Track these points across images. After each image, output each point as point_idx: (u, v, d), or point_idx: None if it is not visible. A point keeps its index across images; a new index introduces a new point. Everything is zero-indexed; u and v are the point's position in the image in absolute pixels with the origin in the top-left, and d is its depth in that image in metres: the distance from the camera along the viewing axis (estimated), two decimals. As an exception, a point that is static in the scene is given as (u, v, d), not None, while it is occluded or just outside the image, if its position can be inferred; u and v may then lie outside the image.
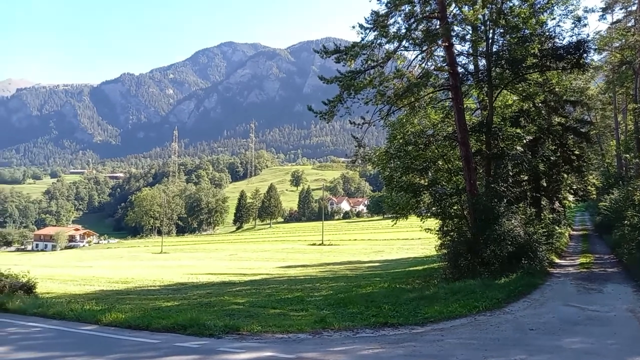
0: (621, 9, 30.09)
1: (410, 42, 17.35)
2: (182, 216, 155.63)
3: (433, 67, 18.97)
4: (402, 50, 17.83)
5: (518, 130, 20.64)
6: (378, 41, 16.95)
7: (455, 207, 19.13)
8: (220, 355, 7.37)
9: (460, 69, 19.19)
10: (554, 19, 19.65)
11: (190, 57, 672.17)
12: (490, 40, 19.77)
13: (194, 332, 8.95)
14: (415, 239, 58.52)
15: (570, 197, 33.77)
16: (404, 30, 17.09)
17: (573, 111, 26.18)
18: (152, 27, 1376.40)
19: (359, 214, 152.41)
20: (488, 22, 19.08)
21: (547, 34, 19.32)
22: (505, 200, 17.03)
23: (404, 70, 17.69)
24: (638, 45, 26.58)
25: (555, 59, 18.35)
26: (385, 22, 16.74)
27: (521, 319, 9.77)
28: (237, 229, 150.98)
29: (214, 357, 7.31)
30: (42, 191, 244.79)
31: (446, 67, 18.06)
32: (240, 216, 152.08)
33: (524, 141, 20.80)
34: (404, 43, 17.24)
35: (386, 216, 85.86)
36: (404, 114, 20.67)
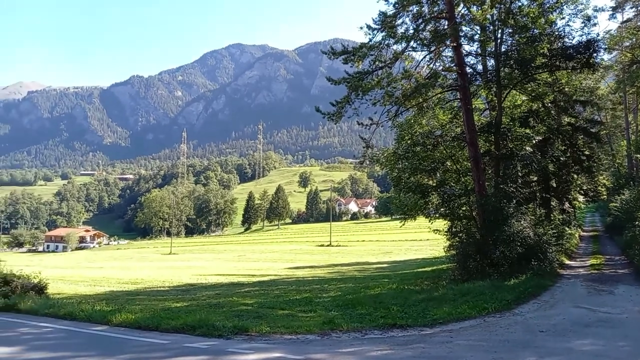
0: (631, 7, 29.71)
1: (418, 42, 17.31)
2: (191, 217, 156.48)
3: (441, 68, 18.91)
4: (410, 50, 17.81)
5: (527, 131, 20.49)
6: (386, 42, 16.94)
7: (463, 208, 19.03)
8: (230, 356, 7.40)
9: (468, 69, 19.09)
10: (563, 18, 19.48)
11: (199, 59, 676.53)
12: (499, 40, 19.64)
13: (203, 333, 9.00)
14: (423, 240, 58.28)
15: (581, 198, 33.41)
16: (411, 31, 17.06)
17: (583, 111, 25.92)
18: (160, 29, 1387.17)
19: (367, 215, 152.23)
20: (497, 22, 18.95)
21: (557, 33, 19.14)
22: (514, 201, 16.91)
23: (412, 70, 17.66)
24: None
25: (564, 58, 18.20)
26: (393, 22, 16.72)
27: (531, 321, 9.69)
28: (246, 230, 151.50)
29: (223, 358, 7.35)
30: (53, 193, 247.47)
31: (454, 67, 17.99)
32: (249, 217, 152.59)
33: (534, 141, 20.64)
34: (411, 43, 17.21)
35: (394, 217, 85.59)
36: (412, 115, 20.61)
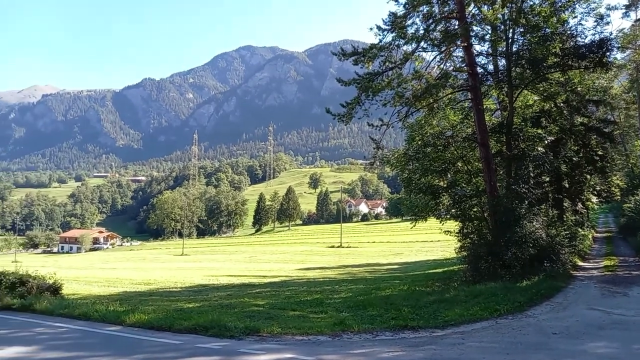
0: (646, 5, 29.29)
1: (429, 42, 17.24)
2: (202, 219, 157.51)
3: (452, 68, 18.85)
4: (420, 51, 17.78)
5: (539, 131, 20.31)
6: (396, 42, 16.91)
7: (475, 209, 18.92)
8: (241, 357, 7.45)
9: (479, 69, 19.00)
10: (575, 17, 19.26)
11: (210, 61, 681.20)
12: (510, 40, 19.49)
13: (215, 334, 9.06)
14: (434, 241, 58.00)
15: (594, 199, 32.96)
16: (422, 31, 17.03)
17: (596, 111, 25.56)
18: (172, 32, 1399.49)
19: (377, 216, 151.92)
20: (508, 22, 18.80)
21: (569, 32, 18.95)
22: (526, 201, 16.77)
23: (423, 71, 17.63)
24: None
25: (577, 57, 17.99)
26: (403, 23, 16.70)
27: (544, 323, 9.60)
28: (256, 231, 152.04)
29: (235, 359, 7.40)
30: (67, 194, 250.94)
31: (465, 67, 17.91)
32: (259, 218, 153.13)
33: (546, 142, 20.47)
34: (422, 44, 17.17)
35: (405, 218, 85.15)
36: (423, 116, 20.54)
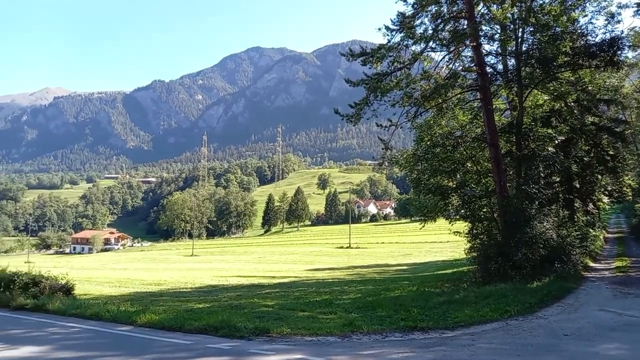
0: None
1: (437, 42, 17.21)
2: (211, 219, 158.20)
3: (461, 68, 18.78)
4: (429, 51, 17.76)
5: (549, 131, 20.14)
6: (404, 43, 16.90)
7: (484, 210, 18.82)
8: (251, 357, 7.49)
9: (488, 69, 18.88)
10: (585, 15, 19.09)
11: (218, 63, 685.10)
12: (520, 39, 19.36)
13: (225, 334, 9.11)
14: (443, 242, 57.76)
15: (605, 199, 32.60)
16: (430, 31, 17.00)
17: (607, 110, 25.24)
18: (181, 35, 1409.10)
19: (386, 217, 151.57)
20: (517, 21, 18.68)
21: (579, 31, 18.77)
22: (536, 202, 16.65)
23: (431, 71, 17.60)
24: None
25: (587, 56, 17.81)
26: (412, 23, 16.68)
27: (555, 324, 9.52)
28: (265, 232, 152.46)
29: (245, 359, 7.45)
30: (79, 196, 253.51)
31: (474, 67, 17.83)
32: (268, 219, 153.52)
33: (556, 142, 20.29)
34: (430, 44, 17.15)
35: (414, 219, 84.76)
36: (432, 116, 20.47)
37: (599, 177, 26.95)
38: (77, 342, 9.32)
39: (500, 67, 20.71)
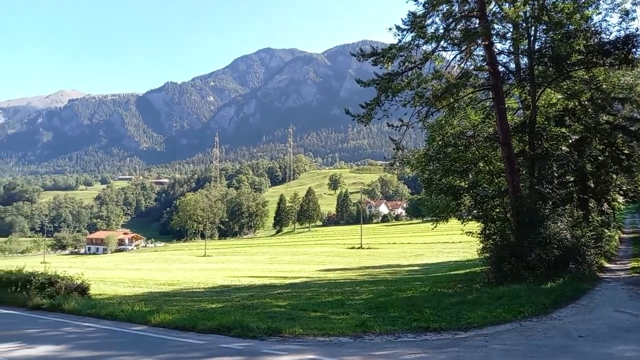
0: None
1: (449, 42, 17.12)
2: (224, 220, 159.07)
3: (472, 67, 18.64)
4: (440, 50, 17.63)
5: (563, 130, 19.90)
6: (415, 42, 16.84)
7: (497, 210, 18.68)
8: (264, 357, 7.54)
9: (501, 68, 18.72)
10: (599, 13, 18.77)
11: (230, 64, 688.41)
12: (532, 38, 19.15)
13: (237, 334, 9.17)
14: (456, 242, 57.41)
15: (620, 199, 32.08)
16: (442, 31, 16.90)
17: (622, 109, 24.83)
18: (193, 37, 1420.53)
19: (397, 217, 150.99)
20: (530, 19, 18.46)
21: (593, 29, 18.46)
22: (550, 202, 16.48)
23: (443, 70, 17.47)
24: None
25: (601, 54, 17.54)
26: (423, 22, 16.60)
27: (569, 325, 9.42)
28: (277, 232, 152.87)
29: (258, 359, 7.50)
30: (93, 197, 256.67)
31: (486, 66, 17.70)
32: (280, 220, 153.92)
33: (570, 141, 20.05)
34: (442, 43, 17.05)
35: (425, 219, 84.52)
36: (443, 116, 20.38)
37: (614, 176, 26.54)
38: (93, 342, 9.46)
39: (512, 65, 20.54)
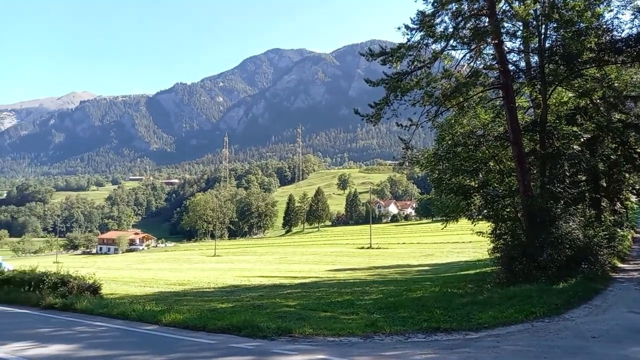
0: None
1: (458, 41, 17.02)
2: (233, 220, 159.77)
3: (482, 66, 18.53)
4: (449, 49, 17.53)
5: (574, 129, 19.66)
6: (424, 41, 16.76)
7: (508, 209, 18.53)
8: (274, 357, 7.55)
9: (511, 67, 18.56)
10: (611, 10, 18.52)
11: (239, 65, 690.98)
12: (543, 36, 18.96)
13: (248, 334, 9.21)
14: (466, 242, 57.05)
15: (633, 198, 31.67)
16: (451, 29, 16.80)
17: (634, 107, 24.49)
18: (202, 38, 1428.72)
19: (407, 217, 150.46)
20: (540, 17, 18.29)
21: (604, 26, 18.24)
22: (561, 201, 16.31)
23: (452, 70, 17.39)
24: None
25: (613, 52, 17.32)
26: (432, 21, 16.53)
27: (582, 326, 9.31)
28: (286, 232, 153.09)
29: (268, 359, 7.51)
30: (105, 197, 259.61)
31: (496, 65, 17.58)
32: (289, 220, 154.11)
33: (581, 140, 19.80)
34: (451, 42, 16.94)
35: (435, 219, 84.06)
36: (453, 115, 20.25)
37: (627, 175, 26.21)
38: (105, 341, 9.54)
39: (522, 64, 20.35)
